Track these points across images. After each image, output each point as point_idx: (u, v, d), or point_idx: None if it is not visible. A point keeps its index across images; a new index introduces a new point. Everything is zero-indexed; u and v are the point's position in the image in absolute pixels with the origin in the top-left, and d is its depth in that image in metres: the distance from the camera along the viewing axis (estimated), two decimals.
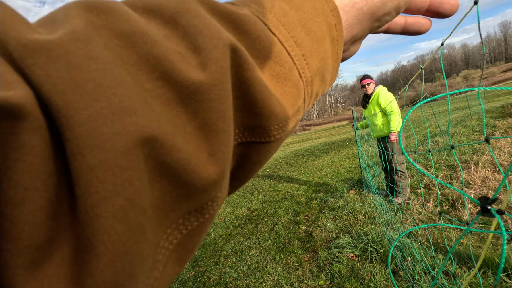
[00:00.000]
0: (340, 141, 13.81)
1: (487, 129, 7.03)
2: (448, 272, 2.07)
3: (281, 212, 4.35)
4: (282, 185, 6.17)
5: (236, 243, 3.62)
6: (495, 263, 2.00)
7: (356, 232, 2.99)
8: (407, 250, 2.40)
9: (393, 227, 3.04)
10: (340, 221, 3.41)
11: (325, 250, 2.86)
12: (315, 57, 0.23)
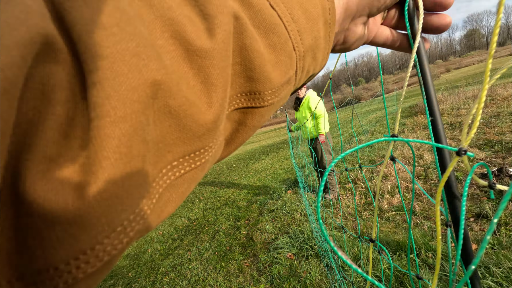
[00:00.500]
0: (279, 143, 14.38)
1: (399, 127, 8.12)
2: (372, 258, 2.29)
3: (222, 218, 4.29)
4: (224, 191, 6.11)
5: (175, 257, 3.43)
6: (406, 246, 2.28)
7: (293, 231, 3.11)
8: (337, 243, 2.58)
9: (326, 222, 3.25)
10: (279, 222, 3.51)
11: (265, 252, 2.89)
12: (308, 34, 0.25)
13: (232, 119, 0.23)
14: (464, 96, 9.61)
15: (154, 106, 0.16)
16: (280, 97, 0.25)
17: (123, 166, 0.14)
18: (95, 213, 0.13)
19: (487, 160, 3.96)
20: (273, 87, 0.23)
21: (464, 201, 0.34)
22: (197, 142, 0.19)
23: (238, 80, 0.22)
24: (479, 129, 5.59)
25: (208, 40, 0.18)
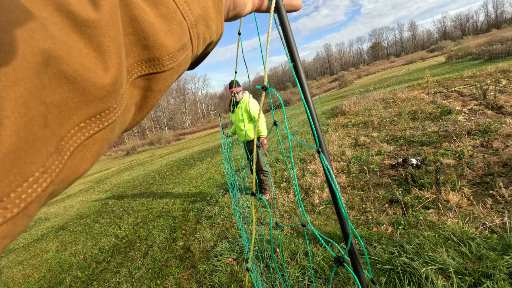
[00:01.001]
0: (214, 147, 14.20)
1: (323, 127, 8.88)
2: (307, 252, 2.40)
3: (156, 232, 3.97)
4: (156, 202, 5.69)
5: (100, 282, 3.01)
6: (337, 236, 2.46)
7: (232, 235, 3.06)
8: (276, 242, 2.63)
9: (264, 222, 3.30)
10: (218, 228, 3.42)
11: (204, 262, 2.77)
12: (196, 5, 0.29)
13: (139, 86, 0.25)
14: (373, 99, 11.07)
15: (48, 72, 0.17)
16: (179, 62, 0.28)
17: (24, 124, 0.15)
18: (5, 164, 0.14)
19: (394, 153, 4.62)
20: (169, 52, 0.26)
21: (338, 192, 0.38)
22: (100, 104, 0.20)
23: (135, 49, 0.24)
24: (386, 127, 6.50)
25: (94, 11, 0.20)
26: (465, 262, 1.74)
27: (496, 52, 17.67)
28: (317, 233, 0.52)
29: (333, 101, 19.00)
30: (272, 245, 0.80)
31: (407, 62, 47.26)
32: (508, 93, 6.49)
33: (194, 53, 0.31)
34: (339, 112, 10.74)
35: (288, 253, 2.42)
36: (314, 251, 2.37)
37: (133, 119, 0.26)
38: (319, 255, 2.25)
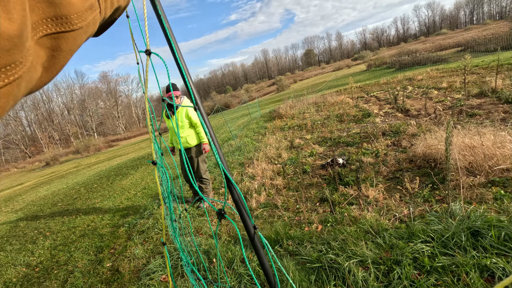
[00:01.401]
0: (150, 154, 13.35)
1: (261, 130, 9.12)
2: (244, 258, 2.39)
3: (79, 254, 3.51)
4: (81, 219, 5.06)
5: None
6: (272, 238, 2.52)
7: (167, 249, 2.88)
8: (212, 251, 2.57)
9: (201, 232, 3.19)
10: (151, 243, 3.19)
11: (135, 282, 2.54)
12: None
13: (45, 46, 0.25)
14: (307, 103, 11.83)
15: None
16: (87, 22, 0.28)
17: None
18: None
19: (324, 153, 4.98)
20: (77, 11, 0.26)
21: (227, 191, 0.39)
22: (6, 56, 0.20)
23: (40, 5, 0.24)
24: (318, 129, 6.99)
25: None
26: (380, 252, 1.94)
27: (404, 62, 20.65)
28: (238, 232, 0.49)
29: (271, 104, 19.71)
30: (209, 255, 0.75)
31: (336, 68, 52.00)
32: (413, 98, 7.61)
33: (102, 15, 0.31)
34: (276, 115, 11.17)
35: (225, 261, 2.38)
36: (250, 256, 2.37)
37: (40, 80, 0.26)
38: (255, 260, 2.26)
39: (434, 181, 2.86)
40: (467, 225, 1.91)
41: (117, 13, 0.38)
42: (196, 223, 3.42)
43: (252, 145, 7.27)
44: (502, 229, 1.80)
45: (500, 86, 5.90)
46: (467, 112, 4.97)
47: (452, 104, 5.80)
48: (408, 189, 2.80)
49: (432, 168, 3.18)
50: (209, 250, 2.64)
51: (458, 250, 1.77)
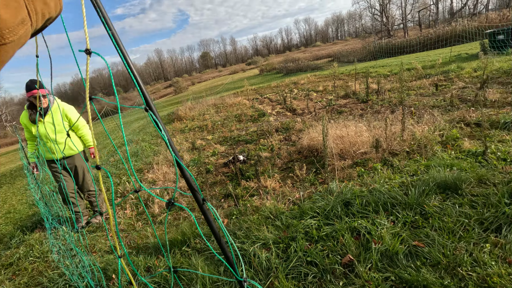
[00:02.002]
0: (14, 170, 10.67)
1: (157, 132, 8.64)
2: (149, 267, 2.25)
3: None
4: None
5: None
6: (178, 240, 2.45)
7: (49, 278, 2.40)
8: (110, 268, 2.30)
9: (94, 250, 2.80)
10: (24, 276, 2.59)
11: None
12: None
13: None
14: (206, 104, 11.90)
15: None
16: (19, 35, 0.30)
17: None
18: None
19: (226, 152, 5.16)
20: (9, 26, 0.28)
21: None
22: None
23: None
24: (218, 129, 7.15)
25: None
26: (279, 233, 2.18)
27: (290, 68, 23.40)
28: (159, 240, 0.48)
29: (169, 107, 18.87)
30: (108, 272, 0.67)
31: (232, 72, 54.15)
32: (298, 99, 8.73)
33: (33, 27, 0.33)
34: (175, 118, 10.79)
35: (125, 277, 2.18)
36: (156, 263, 2.25)
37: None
38: (162, 266, 2.16)
39: (317, 167, 3.39)
40: (341, 198, 2.37)
41: (49, 22, 0.38)
42: (88, 240, 2.97)
43: (150, 149, 6.81)
44: (363, 198, 2.31)
45: (358, 89, 7.47)
46: (337, 110, 6.07)
47: (327, 103, 6.98)
48: (298, 176, 3.22)
49: (315, 157, 3.75)
50: (106, 267, 2.35)
51: (336, 219, 2.17)
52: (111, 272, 2.25)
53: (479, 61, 7.21)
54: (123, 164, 5.91)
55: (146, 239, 2.73)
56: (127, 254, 1.04)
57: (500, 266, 1.51)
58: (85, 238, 3.03)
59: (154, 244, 2.54)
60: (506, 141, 2.90)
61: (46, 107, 2.97)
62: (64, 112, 3.01)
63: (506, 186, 2.02)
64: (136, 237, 2.82)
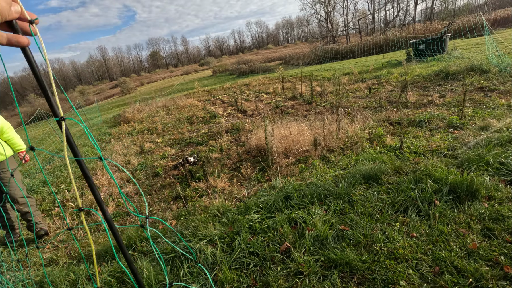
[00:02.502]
0: None
1: (105, 137, 8.14)
2: (90, 276, 2.18)
3: None
4: None
5: None
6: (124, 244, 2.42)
7: None
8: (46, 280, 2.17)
9: (27, 265, 2.60)
10: None
11: None
12: None
13: None
14: (156, 106, 11.48)
15: None
16: None
17: None
18: None
19: (176, 154, 5.10)
20: None
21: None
22: None
23: None
24: (169, 132, 7.00)
25: None
26: (225, 229, 2.29)
27: (242, 70, 23.70)
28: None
29: (115, 108, 17.73)
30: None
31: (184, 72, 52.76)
32: (249, 100, 8.95)
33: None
34: (122, 120, 10.23)
35: (68, 284, 2.08)
36: (100, 270, 2.19)
37: None
38: (105, 272, 2.12)
39: (263, 166, 3.58)
40: (283, 193, 2.57)
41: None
42: (20, 255, 2.74)
43: (93, 154, 6.39)
44: (302, 191, 2.55)
45: (304, 92, 7.95)
46: (284, 111, 6.41)
47: (275, 105, 7.31)
48: (245, 175, 3.38)
49: (262, 156, 3.95)
50: (42, 281, 2.21)
51: (277, 212, 2.36)
52: (48, 285, 2.13)
53: (403, 68, 8.23)
54: (60, 172, 5.47)
55: (88, 246, 2.62)
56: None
57: (405, 240, 1.83)
58: (16, 254, 2.78)
59: (97, 252, 2.46)
60: (418, 137, 3.42)
61: None
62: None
63: (413, 174, 2.42)
64: (78, 247, 2.69)
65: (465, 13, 32.12)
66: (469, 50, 9.39)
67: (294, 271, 1.77)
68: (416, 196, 2.14)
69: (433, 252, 1.69)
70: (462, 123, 3.56)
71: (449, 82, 5.80)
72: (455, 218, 1.93)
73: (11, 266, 2.56)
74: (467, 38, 14.39)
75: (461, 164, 2.50)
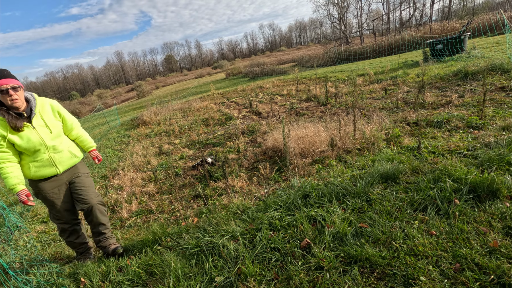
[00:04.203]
0: None
1: (124, 139, 8.43)
2: (121, 267, 2.31)
3: None
4: None
5: None
6: (150, 240, 2.54)
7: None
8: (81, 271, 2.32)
9: (60, 256, 2.77)
10: None
11: None
12: None
13: None
14: (172, 109, 11.77)
15: None
16: None
17: None
18: None
19: (194, 155, 5.25)
20: None
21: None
22: None
23: None
24: (186, 134, 7.19)
25: None
26: (246, 226, 2.38)
27: (256, 73, 23.86)
28: None
29: (133, 111, 18.24)
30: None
31: (198, 76, 53.59)
32: (264, 103, 9.05)
33: None
34: (140, 123, 10.55)
35: (100, 276, 2.23)
36: (128, 262, 2.32)
37: None
38: (134, 264, 2.25)
39: (280, 166, 3.65)
40: (301, 192, 2.64)
41: None
42: (53, 248, 2.93)
43: (114, 155, 6.65)
44: (320, 190, 2.60)
45: (318, 93, 7.97)
46: (299, 113, 6.46)
47: (290, 107, 7.37)
48: (263, 174, 3.46)
49: (279, 156, 4.03)
50: (75, 272, 2.37)
51: (296, 210, 2.43)
52: (81, 275, 2.28)
53: (420, 68, 8.11)
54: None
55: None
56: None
57: (425, 237, 1.86)
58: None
59: (124, 246, 2.60)
60: (436, 137, 3.40)
61: (29, 108, 2.12)
62: (54, 108, 2.27)
63: (432, 174, 2.43)
64: None
65: (485, 11, 31.15)
66: (489, 49, 9.14)
67: (314, 266, 1.83)
68: (435, 195, 2.16)
69: (454, 250, 1.72)
70: (482, 123, 3.52)
71: (468, 82, 5.69)
72: (475, 216, 1.94)
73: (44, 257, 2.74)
74: (487, 36, 13.98)
75: (481, 164, 2.49)
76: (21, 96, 2.04)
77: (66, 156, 2.30)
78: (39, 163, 2.16)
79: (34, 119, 2.12)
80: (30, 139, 2.07)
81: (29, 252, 2.96)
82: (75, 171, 2.39)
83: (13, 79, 2.01)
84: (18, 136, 2.05)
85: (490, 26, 13.99)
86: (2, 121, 2.00)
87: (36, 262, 2.60)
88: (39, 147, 2.12)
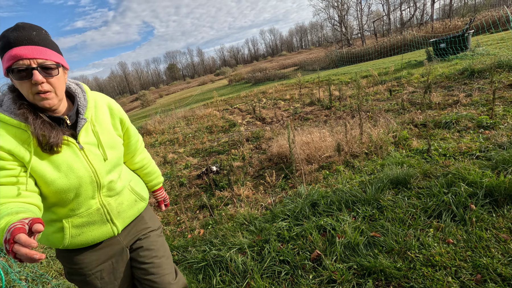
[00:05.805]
0: None
1: None
2: None
3: None
4: None
5: None
6: None
7: None
8: None
9: None
10: None
11: None
12: None
13: None
14: (176, 117, 11.80)
15: None
16: None
17: None
18: None
19: (199, 164, 5.21)
20: None
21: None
22: None
23: None
24: (190, 142, 7.17)
25: None
26: (253, 237, 2.31)
27: (258, 78, 23.92)
28: None
29: (137, 121, 18.37)
30: None
31: (201, 83, 53.93)
32: (267, 108, 9.01)
33: None
34: (144, 132, 10.58)
35: None
36: None
37: None
38: None
39: (286, 173, 3.59)
40: (309, 200, 2.56)
41: None
42: (58, 265, 2.88)
43: None
44: (328, 198, 2.53)
45: (322, 97, 7.91)
46: (303, 117, 6.40)
47: (294, 111, 7.31)
48: (269, 182, 3.40)
49: (284, 163, 3.96)
50: None
51: (305, 219, 2.36)
52: None
53: (424, 68, 8.01)
54: None
55: None
56: None
57: (441, 246, 1.78)
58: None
59: None
60: (446, 139, 3.31)
61: (79, 110, 1.06)
62: (115, 114, 1.18)
63: (444, 178, 2.34)
64: None
65: (487, 8, 30.93)
66: (494, 46, 9.01)
67: (326, 279, 1.75)
68: (449, 201, 2.07)
69: (473, 259, 1.63)
70: (493, 122, 3.41)
71: (474, 80, 5.58)
72: (494, 222, 1.85)
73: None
74: (491, 33, 13.82)
75: (496, 166, 2.39)
76: (60, 85, 0.96)
77: (128, 201, 1.20)
78: (81, 219, 1.06)
79: (83, 131, 1.04)
80: (72, 169, 0.99)
81: (34, 269, 2.92)
82: (140, 226, 1.28)
83: (43, 48, 0.92)
84: (50, 163, 0.96)
85: (494, 23, 13.84)
86: (19, 131, 0.91)
87: (39, 278, 2.56)
88: (86, 186, 1.03)
